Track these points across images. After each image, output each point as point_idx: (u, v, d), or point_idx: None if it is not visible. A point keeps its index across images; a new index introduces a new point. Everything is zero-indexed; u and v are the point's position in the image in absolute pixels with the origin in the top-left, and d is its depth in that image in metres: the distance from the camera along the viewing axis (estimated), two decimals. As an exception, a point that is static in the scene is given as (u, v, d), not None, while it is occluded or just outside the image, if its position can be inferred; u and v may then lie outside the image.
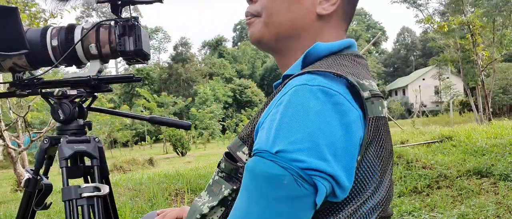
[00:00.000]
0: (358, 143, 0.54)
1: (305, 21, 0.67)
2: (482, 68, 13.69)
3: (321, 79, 0.54)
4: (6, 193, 7.75)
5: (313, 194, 0.51)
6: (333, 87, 0.53)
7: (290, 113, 0.51)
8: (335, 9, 0.67)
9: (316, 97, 0.52)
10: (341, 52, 0.65)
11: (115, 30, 1.05)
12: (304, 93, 0.52)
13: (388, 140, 0.62)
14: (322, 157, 0.50)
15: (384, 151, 0.59)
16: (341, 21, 0.69)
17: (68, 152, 1.06)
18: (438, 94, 36.33)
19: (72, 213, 1.02)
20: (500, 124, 9.34)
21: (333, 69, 0.57)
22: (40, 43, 1.06)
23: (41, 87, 1.14)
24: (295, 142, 0.50)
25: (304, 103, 0.51)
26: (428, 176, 4.64)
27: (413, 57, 54.16)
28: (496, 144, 5.82)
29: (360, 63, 0.65)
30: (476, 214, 3.49)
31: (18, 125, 7.30)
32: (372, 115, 0.56)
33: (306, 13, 0.66)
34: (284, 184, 0.50)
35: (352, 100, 0.54)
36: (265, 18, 0.69)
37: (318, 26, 0.67)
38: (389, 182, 0.63)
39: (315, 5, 0.66)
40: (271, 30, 0.68)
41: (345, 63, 0.61)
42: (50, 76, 1.43)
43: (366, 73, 0.65)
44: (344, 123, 0.52)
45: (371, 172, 0.57)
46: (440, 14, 18.32)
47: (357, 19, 56.46)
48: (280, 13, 0.67)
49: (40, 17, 5.80)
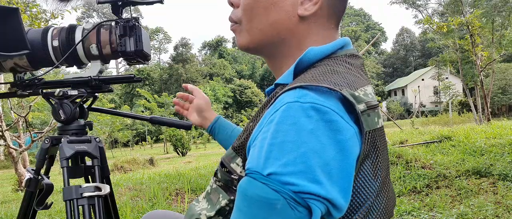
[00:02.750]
0: (354, 160, 0.51)
1: (288, 24, 0.63)
2: (481, 69, 13.69)
3: (313, 95, 0.51)
4: (7, 193, 7.75)
5: (307, 216, 0.49)
6: (326, 103, 0.50)
7: (281, 132, 0.49)
8: (319, 8, 0.63)
9: (308, 115, 0.49)
10: (335, 54, 0.63)
11: (115, 31, 1.05)
12: (296, 111, 0.50)
13: (384, 149, 0.60)
14: (315, 180, 0.47)
15: (380, 162, 0.57)
16: (328, 20, 0.65)
17: (69, 152, 1.07)
18: (437, 94, 36.34)
19: (73, 212, 1.03)
20: (499, 124, 9.35)
21: (327, 80, 0.54)
22: (41, 43, 1.07)
23: (42, 87, 1.15)
24: (287, 164, 0.48)
25: (296, 122, 0.49)
26: (427, 176, 4.65)
27: (412, 58, 54.17)
28: (495, 144, 5.82)
29: (354, 65, 0.62)
30: (475, 214, 3.50)
31: (19, 125, 7.30)
32: (369, 129, 0.53)
33: (287, 16, 0.63)
34: (278, 208, 0.48)
35: (347, 116, 0.51)
36: (245, 24, 0.67)
37: (303, 28, 0.64)
38: (387, 192, 0.62)
39: (296, 7, 0.63)
40: (254, 37, 0.66)
41: (339, 70, 0.58)
42: (51, 76, 1.44)
43: (362, 76, 0.62)
44: (338, 141, 0.49)
45: (368, 185, 0.55)
46: (439, 15, 18.33)
47: (357, 19, 56.44)
48: (259, 18, 0.64)
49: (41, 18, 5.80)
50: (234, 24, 0.69)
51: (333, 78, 0.55)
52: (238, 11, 0.68)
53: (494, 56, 14.18)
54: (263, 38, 0.65)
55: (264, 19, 0.64)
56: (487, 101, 13.81)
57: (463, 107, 27.12)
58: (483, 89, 13.97)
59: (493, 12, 13.92)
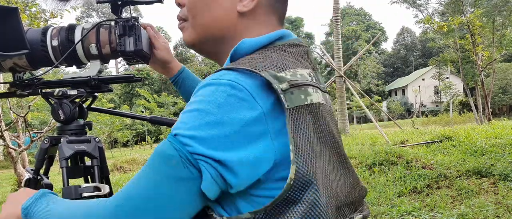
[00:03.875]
0: (258, 137, 0.55)
1: (228, 20, 0.68)
2: (482, 68, 13.69)
3: (233, 74, 0.57)
4: (7, 193, 7.76)
5: (198, 178, 0.54)
6: (242, 82, 0.56)
7: (196, 103, 0.56)
8: (256, 5, 0.67)
9: (222, 91, 0.55)
10: (272, 44, 0.66)
11: (115, 30, 1.05)
12: (213, 87, 0.56)
13: (322, 128, 0.62)
14: (211, 146, 0.53)
15: (313, 141, 0.58)
16: (269, 15, 0.69)
17: (68, 152, 1.07)
18: (438, 94, 36.34)
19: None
20: (500, 124, 9.34)
21: (251, 64, 0.58)
22: (40, 43, 1.06)
23: (41, 87, 1.14)
24: (191, 128, 0.54)
25: (211, 95, 0.55)
26: (428, 176, 4.64)
27: (413, 57, 54.18)
28: (496, 144, 5.82)
29: (292, 52, 0.66)
30: (475, 214, 3.49)
31: (19, 125, 7.30)
32: (293, 105, 0.57)
33: (227, 13, 0.67)
34: (172, 163, 0.54)
35: (262, 94, 0.56)
36: (191, 22, 0.71)
37: (243, 24, 0.68)
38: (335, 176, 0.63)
39: (235, 3, 0.67)
40: (198, 33, 0.71)
41: (271, 56, 0.62)
42: (51, 76, 1.44)
43: (299, 61, 0.65)
44: (242, 118, 0.54)
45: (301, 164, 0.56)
46: (439, 14, 18.33)
47: (357, 19, 56.46)
48: (202, 15, 0.69)
49: (40, 17, 5.80)
50: (181, 22, 0.74)
51: (259, 63, 0.59)
52: (184, 9, 0.72)
53: (494, 56, 14.18)
54: (206, 34, 0.70)
55: (206, 15, 0.68)
56: (487, 101, 13.80)
57: (463, 107, 27.13)
58: (483, 89, 13.96)
59: (493, 11, 13.91)
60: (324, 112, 0.64)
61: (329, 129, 0.63)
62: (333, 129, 0.65)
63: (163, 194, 0.55)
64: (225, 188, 0.56)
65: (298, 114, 0.57)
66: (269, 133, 0.56)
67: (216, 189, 0.56)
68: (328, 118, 0.64)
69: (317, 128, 0.60)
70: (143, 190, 0.56)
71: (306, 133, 0.57)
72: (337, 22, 12.52)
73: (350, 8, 58.36)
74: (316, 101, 0.62)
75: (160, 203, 0.55)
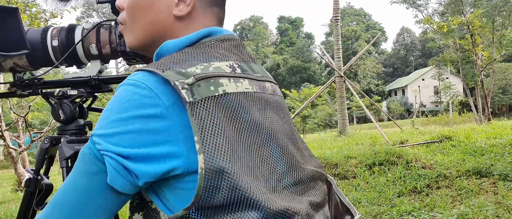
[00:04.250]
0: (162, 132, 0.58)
1: (164, 24, 0.71)
2: (482, 68, 13.69)
3: (140, 75, 0.60)
4: (7, 193, 7.75)
5: (105, 172, 0.59)
6: (146, 81, 0.59)
7: (109, 104, 0.61)
8: (192, 8, 0.70)
9: (127, 90, 0.60)
10: (198, 42, 0.69)
11: (115, 31, 1.05)
12: (122, 88, 0.61)
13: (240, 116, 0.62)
14: (115, 142, 0.58)
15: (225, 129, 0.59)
16: (206, 17, 0.72)
17: (68, 152, 1.07)
18: (438, 94, 36.34)
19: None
20: (500, 124, 9.35)
21: (162, 64, 0.62)
22: (40, 43, 1.06)
23: (41, 87, 1.14)
24: (100, 127, 0.60)
25: (118, 96, 0.60)
26: (428, 176, 4.64)
27: (413, 57, 54.18)
28: (496, 144, 5.82)
29: (216, 47, 0.68)
30: (475, 214, 3.49)
31: (19, 125, 7.30)
32: (200, 97, 0.59)
33: (163, 17, 0.70)
34: (86, 160, 0.61)
35: (165, 92, 0.59)
36: (129, 25, 0.74)
37: (179, 26, 0.71)
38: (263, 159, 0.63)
39: (171, 8, 0.70)
40: (137, 37, 0.73)
41: (189, 52, 0.65)
42: (51, 76, 1.44)
43: (220, 55, 0.67)
44: (144, 115, 0.58)
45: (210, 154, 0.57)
46: (439, 15, 18.34)
47: (357, 19, 56.46)
48: (140, 19, 0.72)
49: (41, 17, 5.80)
50: (121, 26, 0.77)
51: (168, 62, 0.63)
52: (124, 13, 0.75)
53: (494, 56, 14.18)
54: (145, 37, 0.73)
55: (144, 19, 0.71)
56: (487, 101, 13.81)
57: (463, 107, 27.13)
58: (483, 89, 13.97)
59: (493, 11, 13.92)
60: (248, 101, 0.65)
61: (253, 116, 0.64)
62: (259, 116, 0.66)
63: (81, 189, 0.61)
64: (133, 181, 0.60)
65: (206, 105, 0.59)
66: (174, 128, 0.59)
67: (123, 182, 0.60)
68: (254, 106, 0.65)
69: (233, 117, 0.61)
70: (66, 191, 0.62)
71: (215, 122, 0.59)
72: (337, 22, 12.53)
73: (350, 8, 58.35)
74: (231, 91, 0.63)
75: (81, 198, 0.61)
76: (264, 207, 0.58)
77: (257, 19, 61.48)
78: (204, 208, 0.58)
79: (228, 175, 0.57)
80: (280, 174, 0.65)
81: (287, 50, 54.09)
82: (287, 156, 0.68)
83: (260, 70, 0.75)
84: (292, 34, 57.93)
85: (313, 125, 25.40)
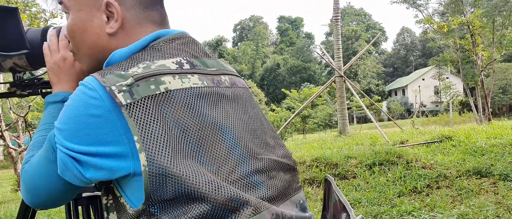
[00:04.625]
0: (106, 132, 0.61)
1: (102, 44, 0.74)
2: (482, 68, 13.69)
3: (90, 77, 0.64)
4: (7, 193, 7.75)
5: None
6: (93, 83, 0.62)
7: (68, 100, 0.66)
8: (122, 23, 0.72)
9: (79, 90, 0.64)
10: (147, 47, 0.71)
11: (115, 30, 1.04)
12: (77, 88, 0.65)
13: (185, 111, 0.63)
14: (65, 136, 0.63)
15: (167, 125, 0.61)
16: (139, 24, 0.74)
17: (68, 152, 1.06)
18: (438, 94, 36.35)
19: (72, 213, 1.03)
20: (500, 124, 9.35)
21: (109, 69, 0.65)
22: (40, 43, 1.06)
23: (41, 87, 1.14)
24: (57, 121, 0.65)
25: (73, 94, 0.64)
26: (428, 176, 4.64)
27: (413, 57, 54.18)
28: (496, 144, 5.82)
29: (162, 47, 0.70)
30: (475, 214, 3.49)
31: (19, 125, 7.31)
32: (140, 97, 0.61)
33: (99, 37, 0.73)
34: (47, 147, 0.69)
35: (107, 95, 0.61)
36: (76, 53, 0.80)
37: (116, 41, 0.73)
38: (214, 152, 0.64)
39: (103, 28, 0.73)
40: (86, 61, 0.78)
41: (137, 56, 0.68)
42: (50, 76, 1.43)
43: (167, 54, 0.69)
44: (91, 114, 0.61)
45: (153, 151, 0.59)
46: (439, 15, 18.34)
47: (357, 19, 56.46)
48: (80, 46, 0.76)
49: (40, 17, 5.80)
50: (73, 54, 0.84)
51: (112, 68, 0.66)
52: (71, 44, 0.80)
53: (494, 56, 14.18)
54: (91, 61, 0.77)
55: (84, 46, 0.76)
56: (487, 101, 13.81)
57: (463, 107, 27.15)
58: (483, 89, 13.97)
59: (493, 11, 13.92)
60: (195, 96, 0.66)
61: (201, 111, 0.65)
62: (208, 111, 0.66)
63: (42, 169, 0.69)
64: (80, 176, 0.63)
65: (145, 104, 0.61)
66: (117, 129, 0.60)
67: (70, 174, 0.64)
68: (203, 101, 0.66)
69: (177, 113, 0.62)
70: (35, 163, 0.71)
71: (156, 121, 0.60)
72: (337, 22, 12.52)
73: (350, 8, 58.36)
74: (175, 88, 0.64)
75: (40, 175, 0.70)
76: (212, 198, 0.59)
77: (257, 19, 61.45)
78: (158, 202, 0.60)
79: (171, 171, 0.58)
80: (232, 165, 0.66)
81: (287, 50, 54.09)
82: (241, 147, 0.69)
83: (215, 64, 0.76)
84: (292, 34, 57.91)
85: (313, 125, 25.39)
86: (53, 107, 0.87)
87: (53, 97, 0.89)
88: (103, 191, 0.68)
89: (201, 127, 0.64)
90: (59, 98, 0.88)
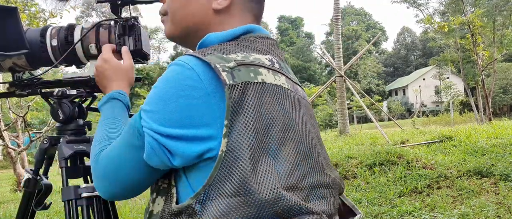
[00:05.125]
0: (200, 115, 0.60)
1: (203, 16, 0.73)
2: (483, 68, 13.68)
3: (187, 57, 0.63)
4: (6, 193, 7.75)
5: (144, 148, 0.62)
6: (191, 63, 0.61)
7: (157, 82, 0.64)
8: (231, 4, 0.72)
9: (172, 70, 0.63)
10: (239, 38, 0.71)
11: (115, 30, 1.04)
12: (169, 68, 0.64)
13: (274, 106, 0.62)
14: (156, 119, 0.61)
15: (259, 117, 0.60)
16: (243, 12, 0.74)
17: (67, 152, 1.06)
18: (438, 94, 36.33)
19: (72, 213, 1.02)
20: (501, 124, 9.34)
21: (202, 51, 0.64)
22: (39, 43, 1.06)
23: (40, 87, 1.14)
24: (147, 103, 0.63)
25: (166, 75, 0.63)
26: (428, 176, 4.63)
27: (413, 57, 54.15)
28: (497, 144, 5.81)
29: (255, 43, 0.70)
30: (476, 214, 3.49)
31: (18, 125, 7.31)
32: (241, 81, 0.59)
33: (203, 9, 0.73)
34: (131, 133, 0.66)
35: (207, 75, 0.60)
36: (170, 16, 0.77)
37: (217, 19, 0.73)
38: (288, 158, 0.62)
39: (211, 1, 0.72)
40: (177, 27, 0.77)
41: (230, 44, 0.67)
42: (50, 76, 1.43)
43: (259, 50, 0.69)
44: (187, 96, 0.60)
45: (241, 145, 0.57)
46: (440, 14, 18.33)
47: (357, 19, 56.44)
48: (180, 10, 0.75)
49: (40, 17, 5.80)
50: (162, 16, 0.80)
51: (208, 49, 0.65)
52: (165, 5, 0.78)
53: (495, 56, 14.17)
54: (183, 28, 0.76)
55: (184, 10, 0.74)
56: (488, 100, 13.79)
57: (464, 107, 27.10)
58: (484, 88, 13.95)
59: (494, 11, 13.91)
60: (284, 95, 0.66)
61: (287, 110, 0.65)
62: (292, 112, 0.66)
63: (123, 157, 0.67)
64: (167, 162, 0.61)
65: (243, 89, 0.60)
66: (213, 112, 0.60)
67: (157, 160, 0.62)
68: (288, 102, 0.66)
69: (268, 107, 0.62)
70: (114, 151, 0.68)
71: (248, 110, 0.59)
72: (338, 21, 12.52)
73: (350, 8, 58.33)
74: (269, 82, 0.64)
75: (122, 163, 0.67)
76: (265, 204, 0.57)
77: (257, 19, 61.38)
78: (207, 199, 0.58)
79: (243, 166, 0.57)
80: (303, 172, 0.65)
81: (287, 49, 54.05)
82: (314, 157, 0.68)
83: (292, 73, 0.77)
84: (292, 33, 57.88)
85: (314, 125, 25.36)
86: (110, 106, 0.88)
87: (104, 98, 0.90)
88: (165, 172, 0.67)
89: (286, 126, 0.64)
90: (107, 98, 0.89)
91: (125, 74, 0.95)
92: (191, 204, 0.59)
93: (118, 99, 0.89)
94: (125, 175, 0.67)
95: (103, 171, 0.68)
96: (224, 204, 0.57)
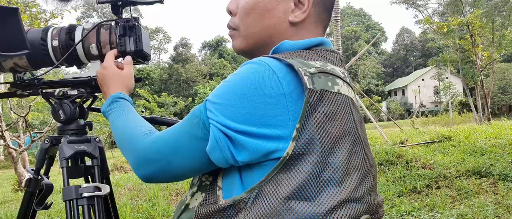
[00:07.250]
0: (273, 115, 0.59)
1: (279, 29, 0.72)
2: (482, 69, 13.69)
3: (267, 58, 0.62)
4: (7, 193, 7.75)
5: (207, 140, 0.62)
6: (272, 64, 0.61)
7: (230, 76, 0.64)
8: (307, 16, 0.72)
9: (251, 67, 0.61)
10: (311, 49, 0.70)
11: (115, 31, 1.05)
12: (247, 65, 0.63)
13: (345, 118, 0.63)
14: (226, 114, 0.60)
15: (331, 126, 0.60)
16: (315, 26, 0.74)
17: (68, 152, 1.07)
18: (438, 94, 36.33)
19: (73, 213, 1.03)
20: (500, 124, 9.35)
21: (282, 56, 0.63)
22: (41, 43, 1.06)
23: (41, 87, 1.14)
24: (216, 96, 0.62)
25: (242, 71, 0.62)
26: (428, 176, 4.64)
27: (413, 58, 54.14)
28: (495, 144, 5.82)
29: (327, 56, 0.70)
30: (475, 214, 3.49)
31: (19, 125, 7.31)
32: (319, 88, 0.60)
33: (279, 22, 0.72)
34: (194, 123, 0.64)
35: (286, 78, 0.60)
36: (242, 31, 0.75)
37: (291, 32, 0.72)
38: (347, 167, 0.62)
39: (287, 14, 0.71)
40: (249, 41, 0.75)
41: (303, 54, 0.67)
42: (51, 76, 1.44)
43: (329, 61, 0.69)
44: (263, 95, 0.59)
45: (310, 144, 0.58)
46: (439, 15, 18.34)
47: (357, 19, 56.43)
48: (255, 25, 0.73)
49: (41, 18, 5.80)
50: (232, 30, 0.78)
51: (290, 55, 0.65)
52: (236, 19, 0.76)
53: (494, 56, 14.18)
54: (257, 42, 0.74)
55: (260, 24, 0.73)
56: (487, 101, 13.81)
57: (463, 107, 27.10)
58: (483, 89, 13.96)
59: (493, 12, 13.92)
60: (352, 107, 0.66)
61: (355, 123, 0.65)
62: (359, 125, 0.67)
63: (180, 145, 0.65)
64: (230, 157, 0.60)
65: (320, 97, 0.60)
66: (287, 115, 0.59)
67: (220, 155, 0.61)
68: (356, 115, 0.67)
69: (340, 118, 0.62)
70: (171, 137, 0.67)
71: (321, 118, 0.59)
72: (337, 22, 12.50)
73: (350, 9, 58.32)
74: (344, 93, 0.64)
75: (178, 150, 0.65)
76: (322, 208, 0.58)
77: (257, 19, 61.29)
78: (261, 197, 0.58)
79: (306, 171, 0.57)
80: (370, 185, 0.66)
81: (287, 50, 54.04)
82: (373, 173, 0.69)
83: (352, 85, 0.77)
84: (292, 34, 57.71)
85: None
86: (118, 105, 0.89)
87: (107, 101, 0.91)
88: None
89: (353, 140, 0.64)
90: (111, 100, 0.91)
91: (123, 80, 0.97)
92: (244, 198, 0.59)
93: (123, 98, 0.91)
94: (179, 162, 0.66)
95: (155, 152, 0.67)
96: (276, 204, 0.57)
